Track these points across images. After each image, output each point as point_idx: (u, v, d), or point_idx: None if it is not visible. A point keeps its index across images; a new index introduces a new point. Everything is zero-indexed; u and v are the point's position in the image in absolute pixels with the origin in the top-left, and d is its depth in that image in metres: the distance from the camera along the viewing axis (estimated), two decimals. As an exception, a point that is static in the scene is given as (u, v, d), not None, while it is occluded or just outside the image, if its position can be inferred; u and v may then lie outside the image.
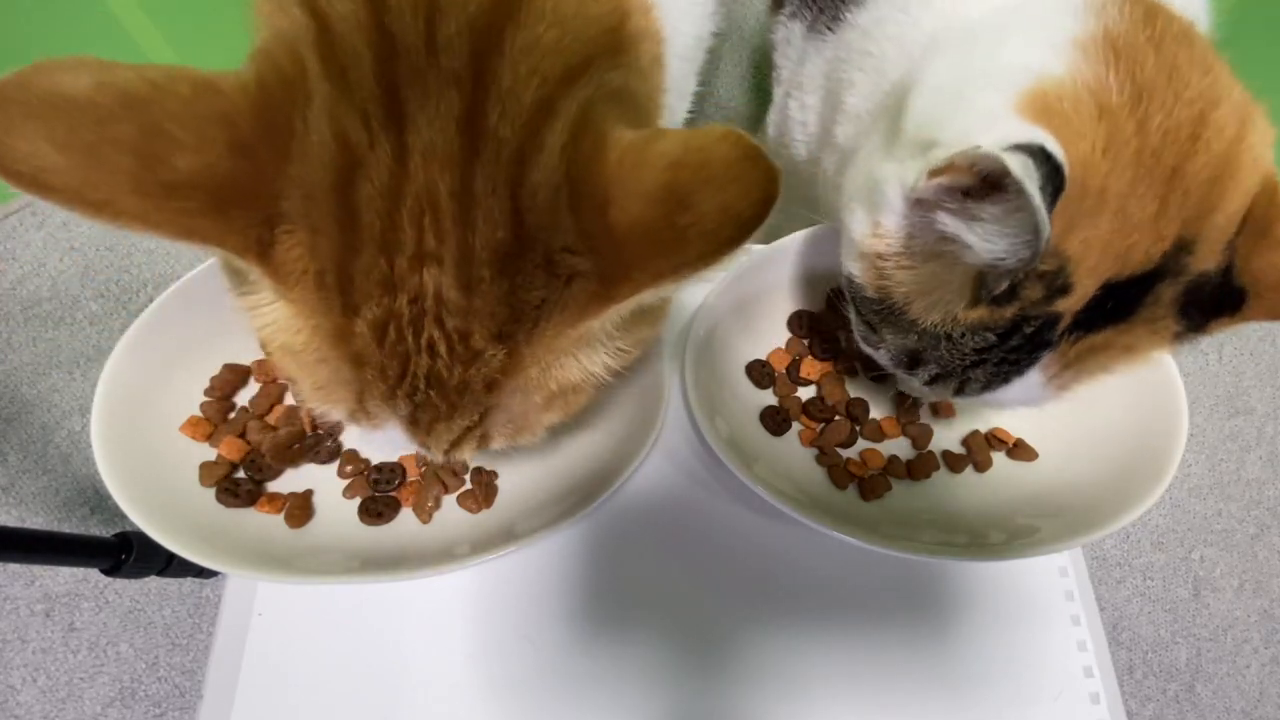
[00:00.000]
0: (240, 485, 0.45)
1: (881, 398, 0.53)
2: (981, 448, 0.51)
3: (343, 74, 0.28)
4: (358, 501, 0.46)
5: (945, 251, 0.36)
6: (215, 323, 0.44)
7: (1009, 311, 0.35)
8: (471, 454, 0.35)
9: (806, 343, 0.54)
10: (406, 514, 0.46)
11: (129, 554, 0.68)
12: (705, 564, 0.49)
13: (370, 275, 0.29)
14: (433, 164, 0.28)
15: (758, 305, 0.53)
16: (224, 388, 0.47)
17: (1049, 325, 0.35)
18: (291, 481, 0.47)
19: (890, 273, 0.38)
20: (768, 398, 0.53)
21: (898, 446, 0.52)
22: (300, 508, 0.45)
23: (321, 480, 0.47)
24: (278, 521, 0.45)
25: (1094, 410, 0.47)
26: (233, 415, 0.48)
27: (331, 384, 0.32)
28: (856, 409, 0.52)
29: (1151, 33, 0.34)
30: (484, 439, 0.35)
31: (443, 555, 0.42)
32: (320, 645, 0.46)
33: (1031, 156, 0.29)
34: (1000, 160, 0.28)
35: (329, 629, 0.46)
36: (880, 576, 0.50)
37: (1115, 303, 0.35)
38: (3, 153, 0.23)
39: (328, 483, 0.47)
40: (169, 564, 0.72)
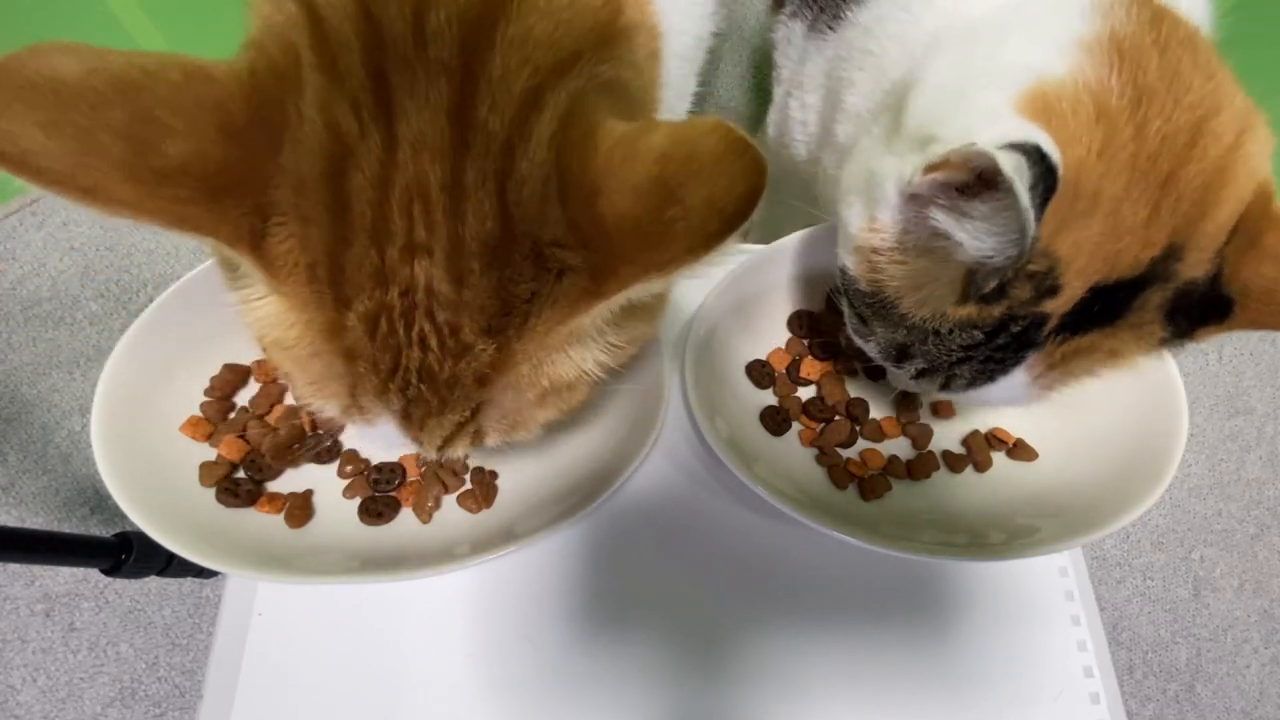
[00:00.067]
0: (240, 485, 0.45)
1: (881, 398, 0.53)
2: (981, 448, 0.51)
3: (333, 63, 0.28)
4: (358, 501, 0.46)
5: (937, 248, 0.36)
6: (215, 323, 0.44)
7: (997, 310, 0.35)
8: (465, 451, 0.35)
9: (806, 343, 0.54)
10: (406, 514, 0.46)
11: (129, 554, 0.68)
12: (705, 564, 0.49)
13: (361, 267, 0.28)
14: (423, 155, 0.28)
15: (758, 305, 0.53)
16: (224, 388, 0.47)
17: (1036, 326, 0.35)
18: (291, 481, 0.47)
19: (883, 267, 0.39)
20: (768, 398, 0.53)
21: (898, 446, 0.52)
22: (300, 508, 0.45)
23: (321, 480, 0.47)
24: (278, 521, 0.45)
25: (1094, 410, 0.47)
26: (233, 415, 0.48)
27: (324, 378, 0.32)
28: (856, 409, 0.52)
29: (1157, 36, 0.34)
30: (478, 435, 0.35)
31: (443, 555, 0.42)
32: (320, 645, 0.46)
33: (1026, 156, 0.29)
34: (993, 158, 0.28)
35: (329, 629, 0.46)
36: (880, 576, 0.50)
37: (1102, 306, 0.35)
38: None
39: (328, 483, 0.47)
40: (169, 564, 0.72)
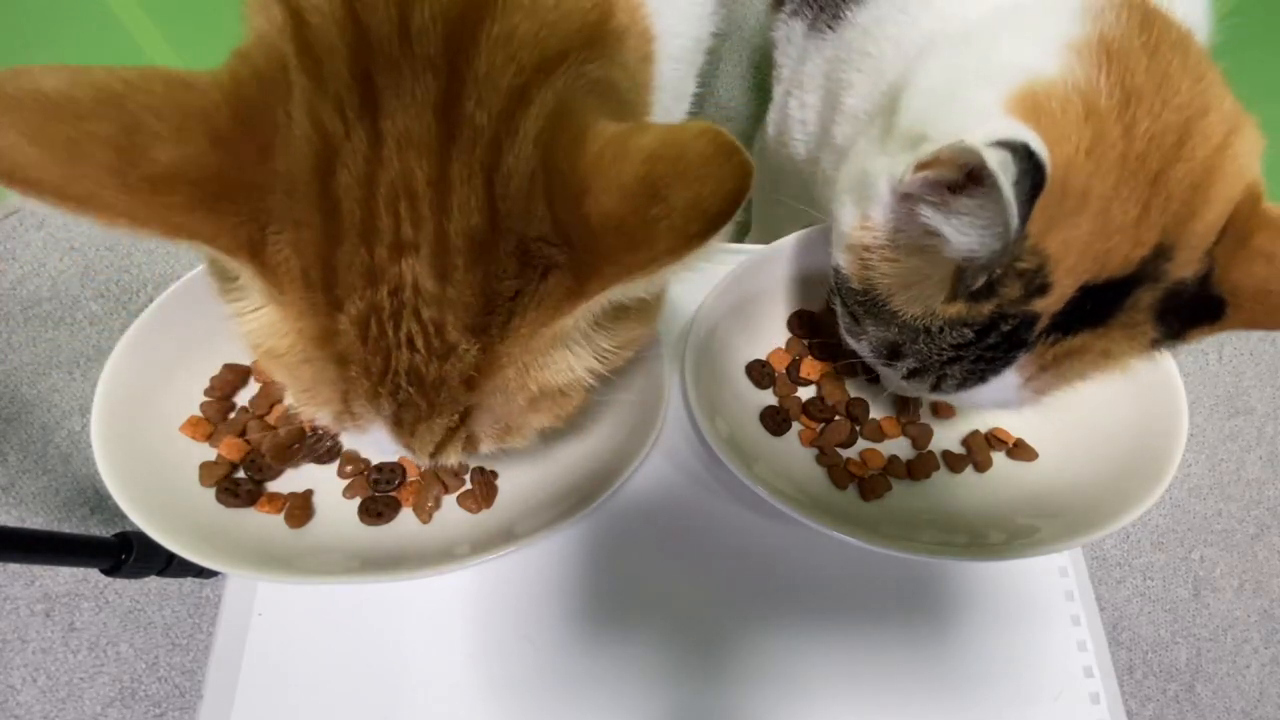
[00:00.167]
0: (240, 485, 0.45)
1: (881, 398, 0.53)
2: (981, 448, 0.51)
3: (318, 66, 0.28)
4: (358, 501, 0.46)
5: (928, 246, 0.36)
6: (215, 323, 0.43)
7: (986, 308, 0.35)
8: (457, 458, 0.35)
9: (806, 343, 0.54)
10: (406, 514, 0.46)
11: (129, 554, 0.68)
12: (705, 564, 0.49)
13: (352, 266, 0.28)
14: (409, 150, 0.28)
15: (757, 305, 0.53)
16: (224, 388, 0.48)
17: (1026, 325, 0.35)
18: (291, 481, 0.47)
19: (875, 265, 0.39)
20: (768, 398, 0.53)
21: (898, 446, 0.52)
22: (300, 508, 0.45)
23: (321, 480, 0.47)
24: (278, 521, 0.45)
25: (1094, 410, 0.47)
26: (233, 415, 0.48)
27: (317, 385, 0.32)
28: (856, 409, 0.52)
29: (1147, 39, 0.35)
30: (470, 442, 0.34)
31: (443, 555, 0.42)
32: (320, 645, 0.46)
33: (1013, 153, 0.29)
34: (979, 153, 0.29)
35: (329, 629, 0.46)
36: (880, 576, 0.50)
37: (1093, 306, 0.35)
38: None
39: (328, 483, 0.47)
40: (169, 564, 0.72)
